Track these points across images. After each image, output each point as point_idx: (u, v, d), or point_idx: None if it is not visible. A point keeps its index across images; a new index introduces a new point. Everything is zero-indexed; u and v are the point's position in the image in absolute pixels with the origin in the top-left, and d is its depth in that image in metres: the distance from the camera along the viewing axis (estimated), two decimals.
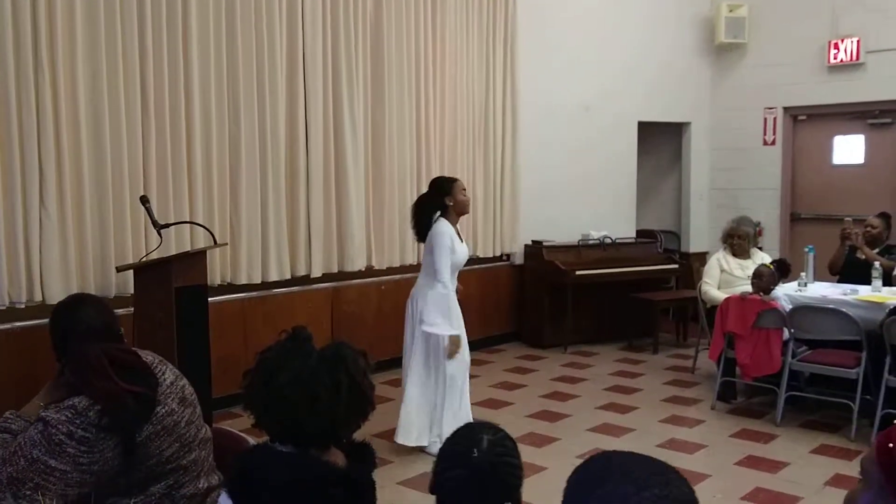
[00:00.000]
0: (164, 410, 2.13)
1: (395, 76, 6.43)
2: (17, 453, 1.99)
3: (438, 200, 4.68)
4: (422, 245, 6.75)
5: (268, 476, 1.65)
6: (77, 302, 2.30)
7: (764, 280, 5.39)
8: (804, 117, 8.23)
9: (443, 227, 4.63)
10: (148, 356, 2.22)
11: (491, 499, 1.52)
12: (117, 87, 4.82)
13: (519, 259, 7.67)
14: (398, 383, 6.20)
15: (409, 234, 6.70)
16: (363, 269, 6.37)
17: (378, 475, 1.82)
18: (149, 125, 4.99)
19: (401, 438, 4.67)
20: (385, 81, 6.36)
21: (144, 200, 4.45)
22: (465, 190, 4.75)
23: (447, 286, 4.60)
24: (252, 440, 2.34)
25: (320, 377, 1.67)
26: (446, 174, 6.90)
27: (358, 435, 1.84)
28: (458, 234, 4.75)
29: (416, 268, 6.82)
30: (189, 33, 5.16)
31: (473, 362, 6.83)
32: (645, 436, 5.07)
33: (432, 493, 1.62)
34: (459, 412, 4.67)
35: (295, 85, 5.79)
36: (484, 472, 1.53)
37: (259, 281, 5.66)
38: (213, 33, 5.29)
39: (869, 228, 5.97)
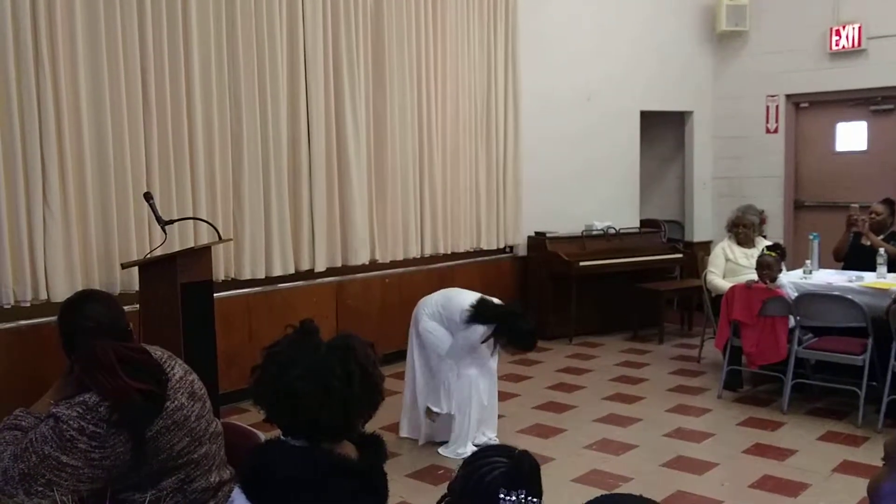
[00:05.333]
0: (173, 405, 2.13)
1: (396, 68, 6.42)
2: (28, 449, 1.99)
3: (504, 330, 4.47)
4: (427, 240, 6.83)
5: (281, 470, 1.65)
6: (85, 298, 2.29)
7: (774, 269, 5.39)
8: (806, 104, 8.21)
9: (482, 332, 4.46)
10: (157, 352, 2.23)
11: (525, 490, 1.48)
12: (118, 84, 4.82)
13: (522, 251, 7.66)
14: (403, 377, 6.22)
15: (412, 227, 6.76)
16: (367, 263, 6.37)
17: (386, 468, 1.82)
18: (150, 121, 4.99)
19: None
20: (386, 74, 6.35)
21: (148, 197, 4.44)
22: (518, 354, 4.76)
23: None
24: (262, 435, 2.34)
25: (332, 369, 1.66)
26: (448, 166, 6.96)
27: (367, 426, 1.84)
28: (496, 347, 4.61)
29: (419, 261, 6.85)
30: (189, 28, 5.14)
31: None
32: (652, 426, 5.07)
33: (450, 489, 1.59)
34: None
35: (296, 79, 5.78)
36: (523, 465, 1.51)
37: (263, 276, 5.67)
38: (214, 28, 5.28)
39: (873, 215, 5.95)
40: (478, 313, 4.46)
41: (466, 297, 4.61)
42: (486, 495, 1.45)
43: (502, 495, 1.44)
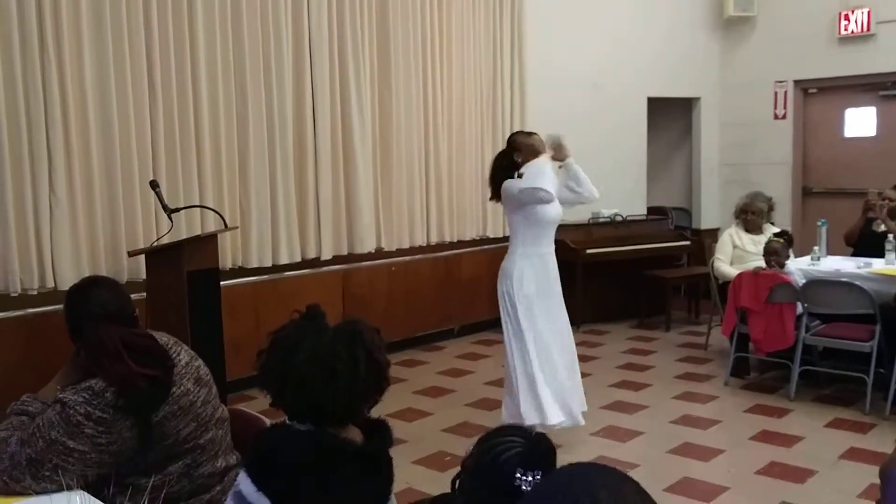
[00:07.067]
0: (179, 391, 2.13)
1: (401, 55, 6.40)
2: (35, 435, 2.00)
3: (509, 158, 4.41)
4: (433, 228, 6.80)
5: (286, 454, 1.65)
6: (91, 284, 2.30)
7: (781, 255, 5.38)
8: (815, 90, 8.15)
9: (513, 181, 4.32)
10: (163, 338, 2.23)
11: (542, 472, 1.47)
12: (124, 71, 4.82)
13: None
14: (410, 364, 6.25)
15: (418, 214, 6.75)
16: (373, 251, 6.37)
17: (393, 454, 1.82)
18: (156, 109, 4.99)
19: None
20: (392, 60, 6.33)
21: (154, 185, 4.45)
22: (537, 140, 4.44)
23: (550, 192, 4.23)
24: (268, 421, 2.35)
25: (338, 353, 1.66)
26: (454, 154, 6.94)
27: (373, 414, 1.84)
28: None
29: (425, 249, 6.84)
30: (195, 16, 5.13)
31: (487, 343, 6.86)
32: (658, 412, 5.07)
33: (463, 467, 1.57)
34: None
35: (301, 66, 5.77)
36: (540, 446, 1.49)
37: (270, 264, 5.67)
38: (219, 16, 5.27)
39: (886, 201, 5.91)
40: (497, 178, 4.41)
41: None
42: (501, 474, 1.44)
43: (519, 475, 1.43)
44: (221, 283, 4.50)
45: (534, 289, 4.42)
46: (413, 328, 6.69)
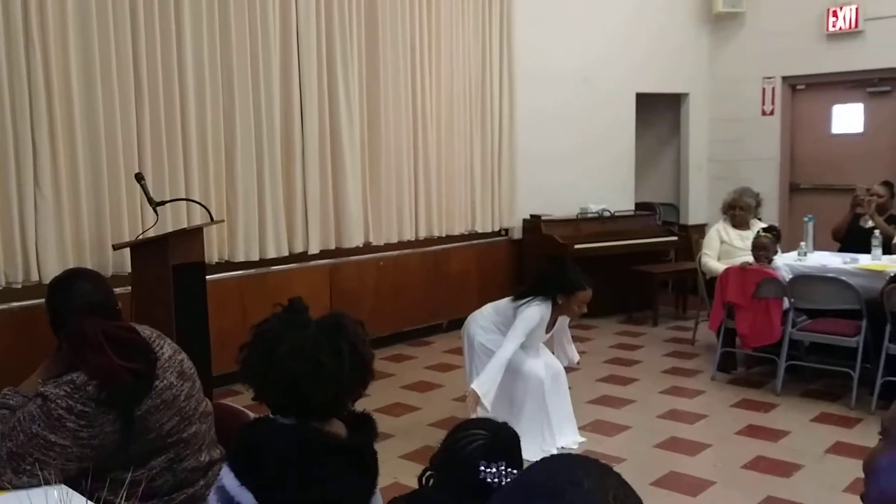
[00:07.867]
0: (162, 384, 2.12)
1: (389, 48, 6.36)
2: (16, 428, 1.98)
3: (553, 290, 4.30)
4: (421, 223, 6.77)
5: (270, 448, 1.64)
6: (73, 276, 2.28)
7: (770, 250, 5.39)
8: (803, 86, 8.18)
9: (538, 310, 4.24)
10: (146, 331, 2.21)
11: (505, 462, 1.47)
12: (110, 64, 4.77)
13: (517, 234, 7.64)
14: (398, 359, 6.23)
15: (407, 209, 6.73)
16: (361, 246, 6.34)
17: (379, 449, 1.81)
18: (142, 102, 4.95)
19: None
20: (380, 54, 6.30)
21: (140, 178, 4.41)
22: (585, 304, 4.32)
23: (508, 355, 4.19)
24: (253, 415, 2.33)
25: (322, 346, 1.65)
26: (443, 149, 6.91)
27: (359, 408, 1.83)
28: (552, 322, 4.37)
29: (414, 244, 6.82)
30: (181, 8, 5.09)
31: None
32: (645, 407, 5.08)
33: (432, 463, 1.58)
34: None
35: (289, 59, 5.73)
36: (501, 437, 1.50)
37: (257, 258, 5.64)
38: (206, 8, 5.22)
39: (874, 197, 5.93)
40: (523, 292, 4.38)
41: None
42: (466, 467, 1.45)
43: (483, 467, 1.43)
44: (207, 277, 4.48)
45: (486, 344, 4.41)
46: (401, 323, 6.68)
